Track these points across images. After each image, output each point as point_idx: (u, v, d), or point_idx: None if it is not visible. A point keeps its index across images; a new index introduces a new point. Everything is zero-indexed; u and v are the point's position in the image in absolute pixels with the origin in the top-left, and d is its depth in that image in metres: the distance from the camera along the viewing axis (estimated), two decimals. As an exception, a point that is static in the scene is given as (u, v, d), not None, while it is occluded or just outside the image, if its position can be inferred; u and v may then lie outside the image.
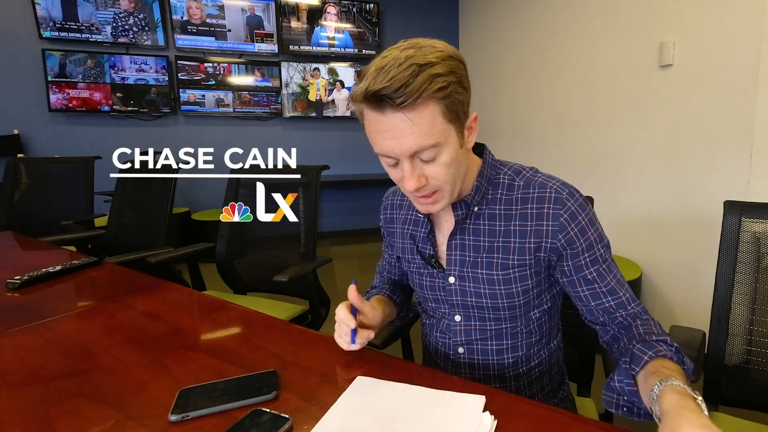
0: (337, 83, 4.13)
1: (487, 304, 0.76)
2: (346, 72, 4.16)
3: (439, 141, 0.61)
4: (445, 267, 0.78)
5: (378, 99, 0.57)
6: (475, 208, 0.74)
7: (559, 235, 0.69)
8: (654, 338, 0.65)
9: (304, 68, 4.05)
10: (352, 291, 0.73)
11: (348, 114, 4.22)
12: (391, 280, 0.98)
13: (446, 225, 0.79)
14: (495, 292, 0.74)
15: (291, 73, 4.02)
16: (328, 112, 4.17)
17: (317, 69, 4.09)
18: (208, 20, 3.75)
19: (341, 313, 0.72)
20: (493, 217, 0.74)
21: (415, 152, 0.61)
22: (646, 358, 0.61)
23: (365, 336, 0.74)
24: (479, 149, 0.78)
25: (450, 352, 0.83)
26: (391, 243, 0.93)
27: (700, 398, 0.51)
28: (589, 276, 0.71)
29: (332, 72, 4.13)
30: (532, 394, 0.82)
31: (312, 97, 4.10)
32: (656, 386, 0.53)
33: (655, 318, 0.71)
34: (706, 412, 0.50)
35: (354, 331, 0.72)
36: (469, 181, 0.73)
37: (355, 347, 0.73)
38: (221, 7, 3.75)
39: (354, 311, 0.74)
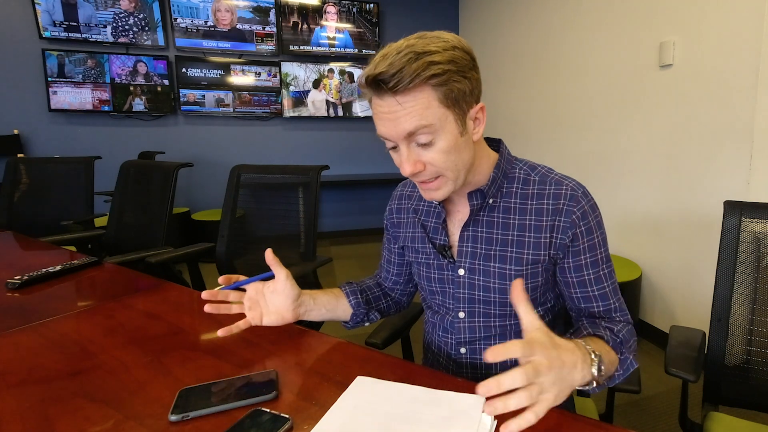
0: (321, 85, 4.13)
1: (495, 299, 0.76)
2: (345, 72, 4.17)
3: (434, 123, 0.62)
4: (456, 258, 0.78)
5: (376, 83, 0.60)
6: (490, 200, 0.75)
7: (569, 231, 0.70)
8: (603, 323, 0.70)
9: (319, 69, 4.06)
10: (268, 254, 0.75)
11: (345, 114, 4.22)
12: (370, 285, 0.95)
13: (458, 216, 0.79)
14: (505, 286, 0.74)
15: (309, 74, 4.03)
16: (338, 112, 4.19)
17: (331, 70, 4.10)
18: (238, 26, 3.81)
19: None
20: (507, 210, 0.74)
21: (409, 134, 0.63)
22: (584, 332, 0.68)
23: (240, 324, 0.77)
24: (496, 144, 0.78)
25: (452, 351, 0.83)
26: (395, 234, 0.91)
27: (596, 359, 0.56)
28: (586, 277, 0.72)
29: (343, 73, 4.14)
30: (531, 396, 0.82)
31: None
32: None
33: (632, 329, 0.72)
34: (594, 370, 0.55)
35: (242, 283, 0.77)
36: (484, 172, 0.74)
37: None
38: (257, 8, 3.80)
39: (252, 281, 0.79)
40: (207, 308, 0.77)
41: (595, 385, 0.58)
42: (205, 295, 0.77)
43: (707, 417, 0.94)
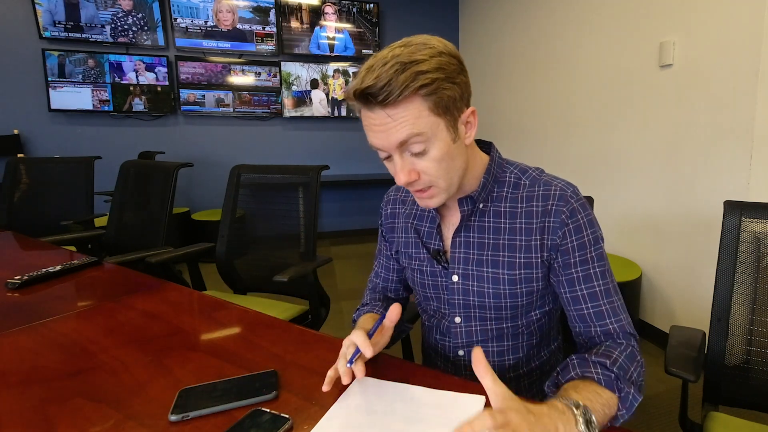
0: (319, 84, 4.12)
1: (490, 304, 0.75)
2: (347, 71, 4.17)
3: (425, 132, 0.61)
4: (449, 264, 0.78)
5: (365, 97, 0.59)
6: (480, 205, 0.74)
7: (559, 231, 0.69)
8: (593, 358, 0.63)
9: (321, 69, 4.07)
10: (396, 310, 0.68)
11: (345, 114, 4.22)
12: (385, 297, 0.93)
13: (452, 220, 0.78)
14: (499, 291, 0.74)
15: (310, 73, 4.04)
16: (346, 112, 4.21)
17: (337, 70, 4.11)
18: (239, 26, 3.82)
19: (359, 339, 0.65)
20: (498, 214, 0.74)
21: (401, 143, 0.62)
22: (572, 374, 0.62)
23: (360, 368, 0.66)
24: (487, 147, 0.78)
25: (450, 354, 0.82)
26: (390, 239, 0.90)
27: (580, 415, 0.51)
28: (575, 275, 0.70)
29: (346, 73, 4.15)
30: (532, 396, 0.82)
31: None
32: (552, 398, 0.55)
33: (636, 342, 0.68)
34: (581, 427, 0.50)
35: (357, 352, 0.66)
36: (475, 176, 0.73)
37: (352, 370, 0.65)
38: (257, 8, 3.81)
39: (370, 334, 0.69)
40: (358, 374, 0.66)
41: None
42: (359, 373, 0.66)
43: (707, 417, 0.94)
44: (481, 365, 0.48)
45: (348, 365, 0.65)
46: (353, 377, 0.66)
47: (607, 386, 0.60)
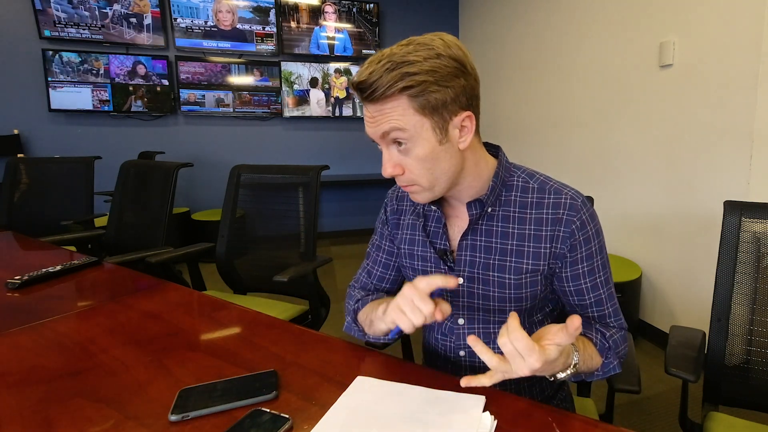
0: (318, 83, 4.12)
1: (494, 307, 0.75)
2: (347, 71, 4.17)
3: (408, 129, 0.63)
4: (454, 266, 0.77)
5: (356, 90, 0.64)
6: (489, 209, 0.74)
7: (568, 241, 0.70)
8: (597, 326, 0.74)
9: (323, 68, 4.07)
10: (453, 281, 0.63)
11: (345, 114, 4.22)
12: (377, 289, 0.91)
13: (458, 221, 0.78)
14: (504, 295, 0.74)
15: (312, 72, 4.05)
16: (347, 112, 4.22)
17: (338, 70, 4.11)
18: (239, 26, 3.82)
19: (435, 278, 0.62)
20: (507, 219, 0.73)
21: (385, 134, 0.64)
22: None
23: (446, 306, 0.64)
24: (495, 151, 0.77)
25: (451, 354, 0.82)
26: (395, 234, 0.88)
27: (571, 369, 0.62)
28: (583, 286, 0.73)
29: (348, 72, 4.15)
30: (532, 397, 0.82)
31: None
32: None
33: (624, 334, 0.76)
34: (567, 372, 0.61)
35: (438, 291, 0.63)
36: (481, 180, 0.73)
37: (439, 308, 0.62)
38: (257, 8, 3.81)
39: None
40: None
41: (563, 376, 0.62)
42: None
43: (707, 417, 0.94)
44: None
45: (437, 288, 0.61)
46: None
47: (600, 351, 0.71)
